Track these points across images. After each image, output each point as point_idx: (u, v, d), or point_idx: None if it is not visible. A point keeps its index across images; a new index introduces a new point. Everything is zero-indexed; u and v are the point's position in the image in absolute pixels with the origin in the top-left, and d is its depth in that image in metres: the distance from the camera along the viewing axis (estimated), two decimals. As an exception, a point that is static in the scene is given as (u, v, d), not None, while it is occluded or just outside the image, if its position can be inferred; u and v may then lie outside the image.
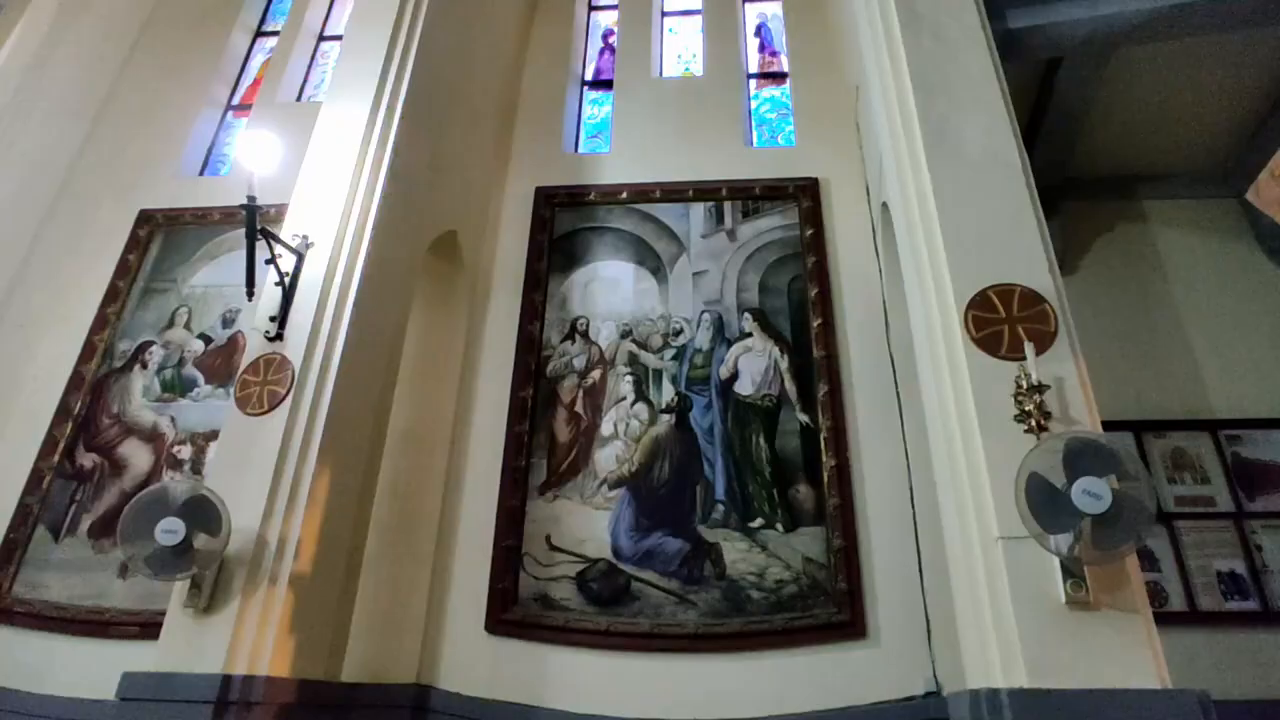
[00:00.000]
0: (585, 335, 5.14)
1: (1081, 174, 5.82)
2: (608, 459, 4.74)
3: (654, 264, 5.38)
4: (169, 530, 3.08)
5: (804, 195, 5.48)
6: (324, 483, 3.60)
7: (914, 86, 3.67)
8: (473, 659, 4.32)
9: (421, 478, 4.59)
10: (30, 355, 5.41)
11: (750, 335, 5.05)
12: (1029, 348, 2.87)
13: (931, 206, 3.35)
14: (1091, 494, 2.30)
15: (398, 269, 4.35)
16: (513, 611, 4.37)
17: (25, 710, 4.29)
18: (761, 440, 4.71)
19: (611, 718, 4.05)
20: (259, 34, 7.21)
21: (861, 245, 5.24)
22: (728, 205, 5.55)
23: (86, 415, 5.19)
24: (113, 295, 5.54)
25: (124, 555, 4.29)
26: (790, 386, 4.85)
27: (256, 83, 6.92)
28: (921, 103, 3.62)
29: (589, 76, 6.82)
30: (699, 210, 5.55)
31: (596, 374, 5.01)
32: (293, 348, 3.71)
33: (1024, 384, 2.81)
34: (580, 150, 6.22)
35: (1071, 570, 2.48)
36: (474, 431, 4.83)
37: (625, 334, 5.12)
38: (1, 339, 5.28)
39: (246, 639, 3.30)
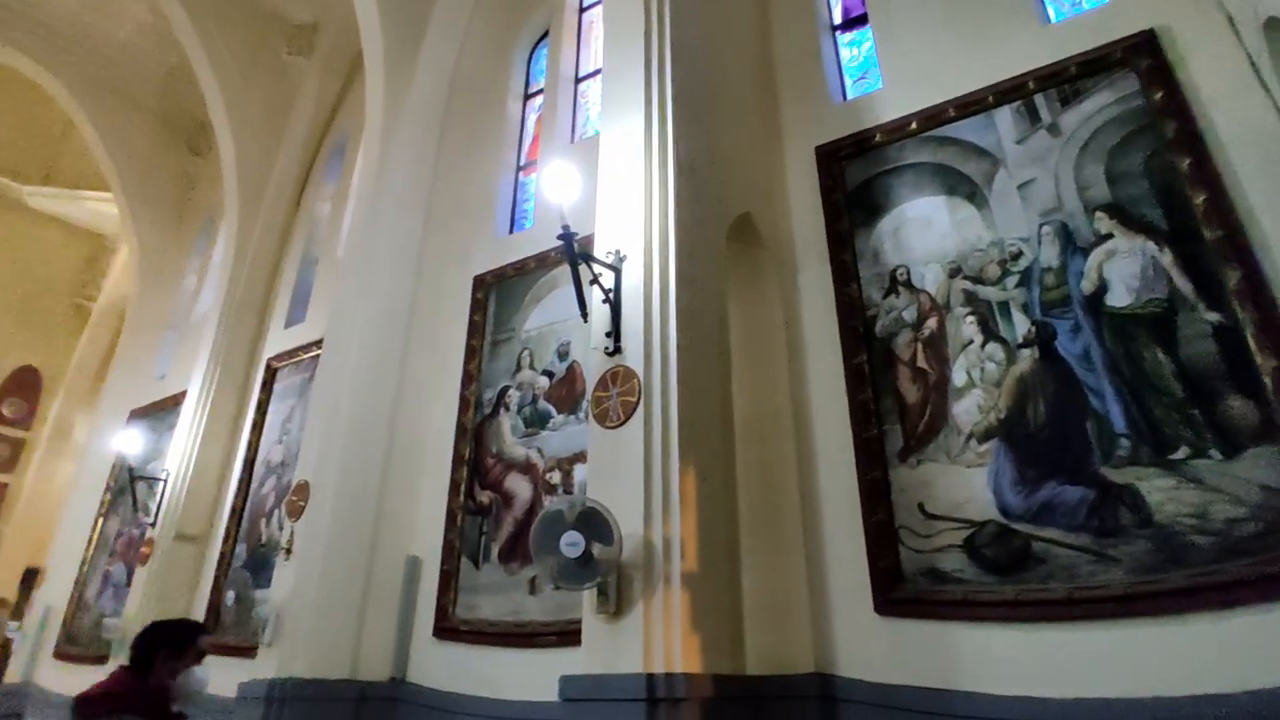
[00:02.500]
0: (909, 285, 4.69)
1: None
2: (968, 411, 4.23)
3: (967, 189, 4.75)
4: (571, 543, 3.34)
5: (1138, 55, 4.44)
6: (690, 481, 3.66)
7: None
8: (868, 643, 4.08)
9: (773, 464, 4.50)
10: (427, 413, 6.46)
11: (1110, 236, 4.19)
12: None
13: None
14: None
15: (705, 261, 4.36)
16: (901, 590, 4.07)
17: (486, 713, 4.99)
18: (1159, 354, 3.85)
19: (1038, 698, 3.53)
20: (527, 96, 7.95)
21: (1238, 86, 4.09)
22: (1039, 99, 4.72)
23: (474, 458, 6.03)
24: (470, 353, 6.41)
25: (538, 570, 4.84)
26: (1182, 283, 3.91)
27: (535, 139, 7.61)
28: None
29: (838, 20, 6.37)
30: (1005, 115, 4.80)
31: (932, 323, 4.53)
32: (632, 357, 3.87)
33: None
34: (850, 96, 5.78)
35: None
36: (814, 408, 4.64)
37: (954, 272, 4.57)
38: (406, 403, 6.38)
39: (656, 638, 3.45)
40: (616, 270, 4.11)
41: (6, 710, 8.90)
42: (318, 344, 7.64)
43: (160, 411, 9.85)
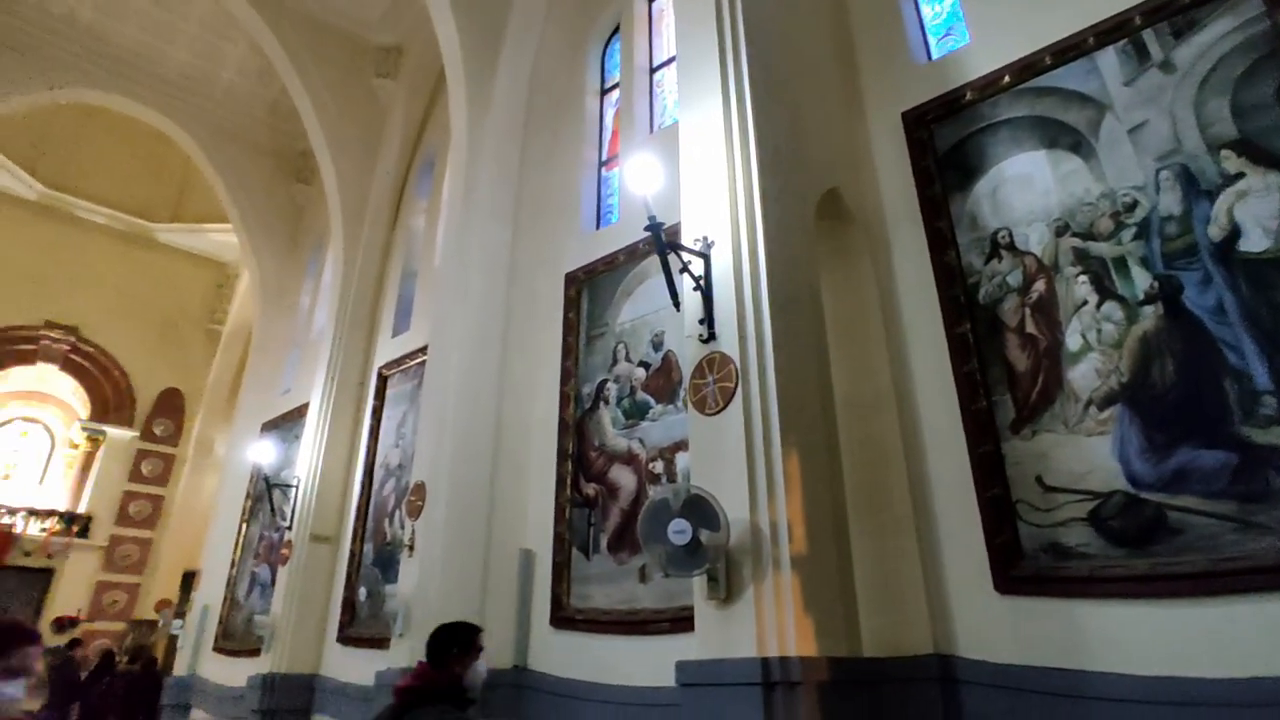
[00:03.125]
0: (1011, 248, 4.46)
1: None
2: (1085, 376, 3.99)
3: (1070, 140, 4.46)
4: (679, 531, 3.39)
5: (1262, -28, 4.05)
6: (794, 464, 3.64)
7: None
8: (988, 623, 3.94)
9: (878, 443, 4.40)
10: (530, 411, 6.69)
11: (1240, 176, 3.85)
12: None
13: None
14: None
15: (794, 241, 4.31)
16: (1021, 567, 3.90)
17: (605, 699, 5.14)
18: (1305, 301, 3.52)
19: (1176, 678, 3.31)
20: (604, 92, 8.03)
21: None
22: (1148, 35, 4.37)
23: (578, 452, 6.19)
24: (567, 350, 6.58)
25: (647, 559, 4.94)
26: (1331, 220, 3.57)
27: (615, 134, 7.69)
28: None
29: (915, -22, 6.09)
30: (1109, 57, 4.47)
31: (1040, 286, 4.29)
32: (726, 343, 3.87)
33: None
34: (935, 56, 5.53)
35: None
36: (918, 383, 4.49)
37: (1061, 231, 4.32)
38: (508, 403, 6.62)
39: (768, 623, 3.46)
40: (705, 257, 4.12)
41: (176, 700, 9.85)
42: (423, 351, 8.02)
43: (288, 423, 10.60)
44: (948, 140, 4.94)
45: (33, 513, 13.15)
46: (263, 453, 10.27)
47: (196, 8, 11.13)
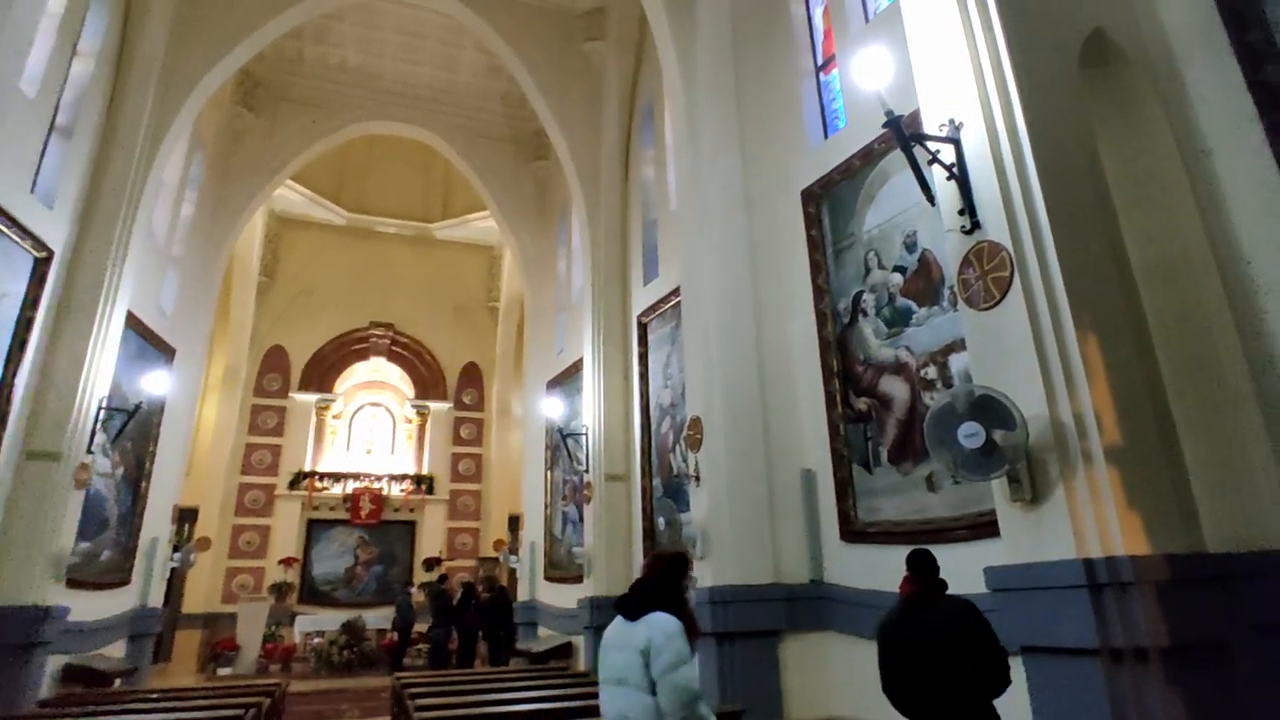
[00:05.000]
0: (1372, 36, 3.48)
1: None
2: None
3: None
4: (970, 434, 3.24)
5: None
6: (1092, 347, 3.28)
7: None
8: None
9: (1195, 311, 3.71)
10: (788, 335, 6.73)
11: None
12: None
13: None
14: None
15: (1058, 100, 3.77)
16: None
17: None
18: None
19: None
20: (809, -9, 7.56)
21: None
22: None
23: (843, 368, 6.11)
24: (815, 268, 6.47)
25: (938, 465, 4.79)
26: None
27: (827, 33, 7.23)
28: None
29: None
30: None
31: None
32: (994, 229, 3.55)
33: None
34: None
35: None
36: (1241, 233, 3.65)
37: None
38: (766, 329, 6.72)
39: (1087, 521, 3.20)
40: (955, 141, 3.78)
41: (524, 619, 11.69)
42: (675, 293, 8.37)
43: (567, 379, 11.76)
44: (1259, -76, 3.92)
45: (393, 478, 16.20)
46: (551, 408, 11.59)
47: (429, 25, 12.37)
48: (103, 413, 7.70)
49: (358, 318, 16.77)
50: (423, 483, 16.49)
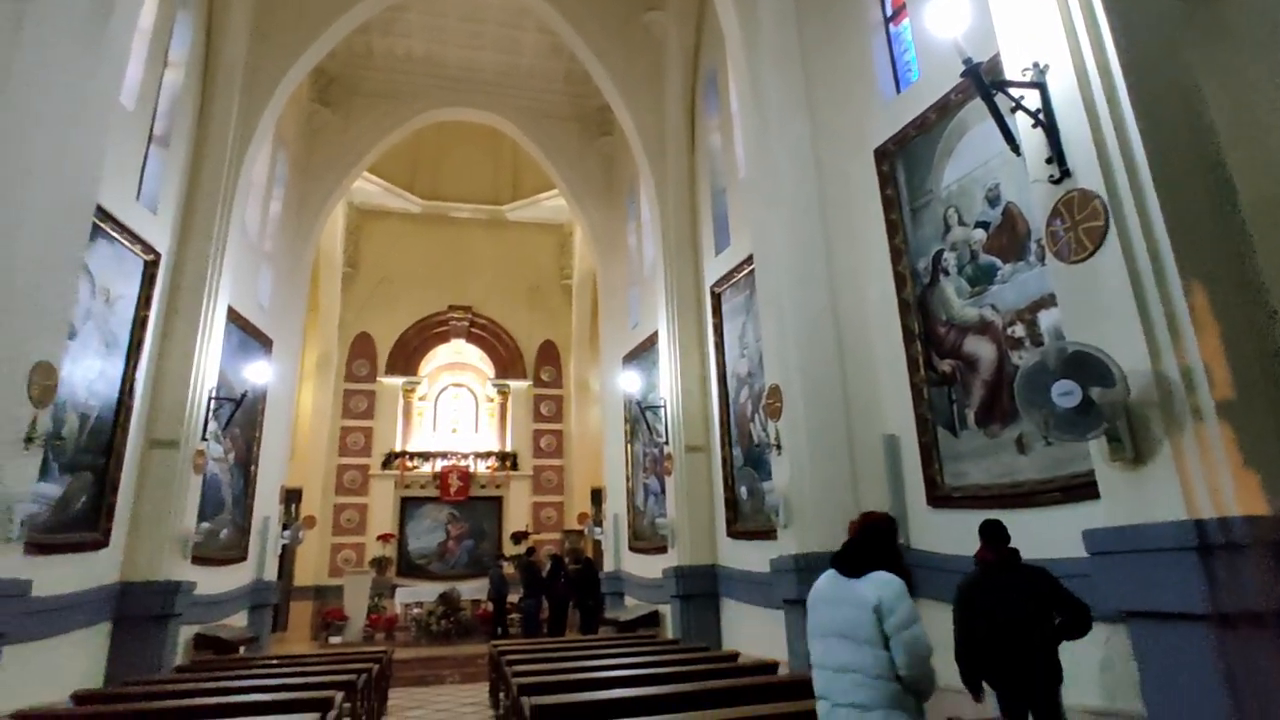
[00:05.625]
0: None
1: None
2: None
3: None
4: (1065, 393, 3.11)
5: None
6: (1200, 295, 3.09)
7: None
8: None
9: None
10: (864, 298, 6.58)
11: None
12: None
13: None
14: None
15: (1153, 34, 3.52)
16: None
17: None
18: None
19: None
20: (877, -62, 7.22)
21: None
22: None
23: (924, 330, 5.93)
24: (892, 228, 6.26)
25: (1026, 427, 4.63)
26: None
27: (898, -20, 6.92)
28: None
29: None
30: None
31: None
32: (1086, 176, 3.36)
33: None
34: None
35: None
36: None
37: None
38: (842, 294, 6.59)
39: (1197, 481, 3.04)
40: (1040, 85, 3.57)
41: (611, 589, 11.97)
42: (748, 262, 8.27)
43: (643, 352, 11.82)
44: None
45: (478, 455, 16.75)
46: (629, 382, 11.70)
47: (491, 10, 12.48)
48: (213, 402, 8.26)
49: (437, 302, 17.32)
50: (507, 459, 17.00)
